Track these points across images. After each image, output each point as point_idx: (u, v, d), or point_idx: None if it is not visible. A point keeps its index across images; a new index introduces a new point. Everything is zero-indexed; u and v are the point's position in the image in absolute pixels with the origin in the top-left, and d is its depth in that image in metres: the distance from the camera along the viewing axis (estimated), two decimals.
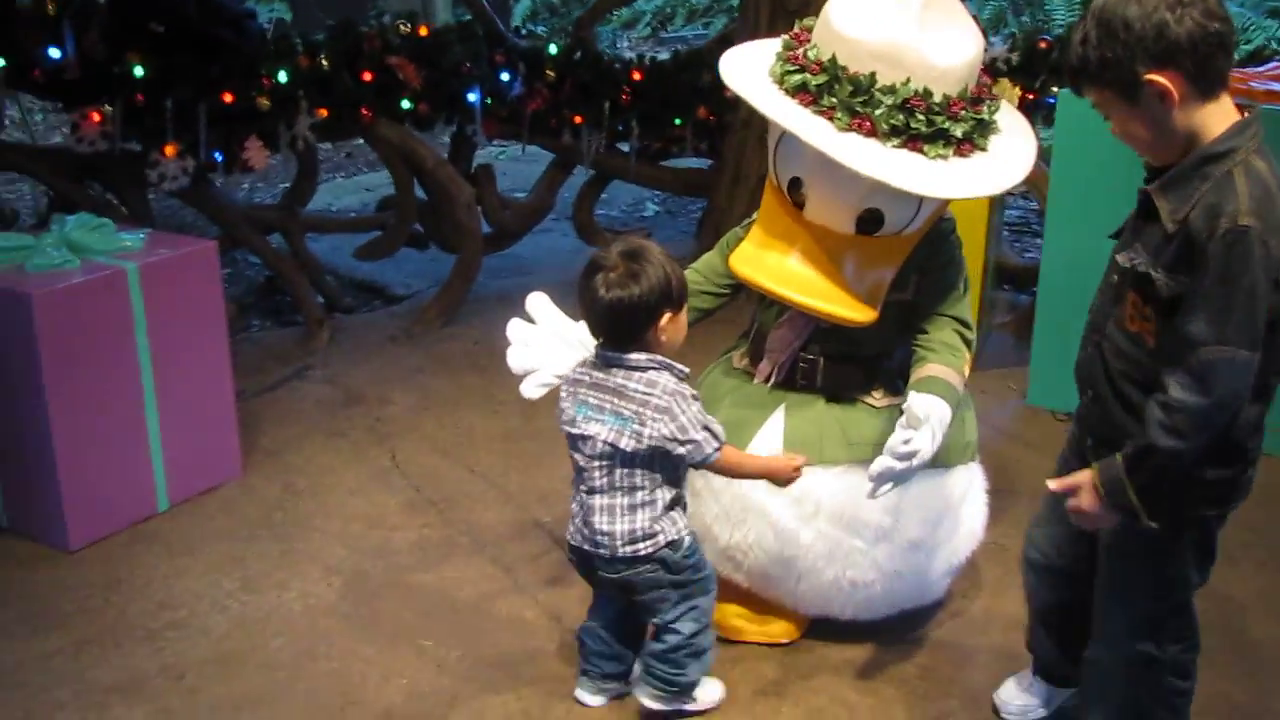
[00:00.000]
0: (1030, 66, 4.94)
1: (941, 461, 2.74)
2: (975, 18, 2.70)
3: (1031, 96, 4.87)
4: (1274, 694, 2.84)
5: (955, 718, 2.74)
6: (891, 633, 2.97)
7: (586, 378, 2.57)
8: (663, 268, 2.47)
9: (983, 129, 2.58)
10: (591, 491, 2.57)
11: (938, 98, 2.49)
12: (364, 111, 4.70)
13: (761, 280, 2.61)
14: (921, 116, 2.48)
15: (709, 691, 2.74)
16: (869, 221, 2.61)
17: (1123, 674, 2.36)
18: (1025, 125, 2.73)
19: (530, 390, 2.84)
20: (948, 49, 2.52)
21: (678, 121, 5.22)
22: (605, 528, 2.55)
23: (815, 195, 2.62)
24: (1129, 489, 2.08)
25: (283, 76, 4.44)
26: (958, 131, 2.51)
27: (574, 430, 2.57)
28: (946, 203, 2.70)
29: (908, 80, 2.48)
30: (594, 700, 2.75)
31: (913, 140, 2.49)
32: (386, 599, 3.17)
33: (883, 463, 2.47)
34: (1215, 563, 2.33)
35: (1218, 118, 2.01)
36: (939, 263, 2.78)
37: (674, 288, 2.49)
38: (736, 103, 5.04)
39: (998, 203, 4.72)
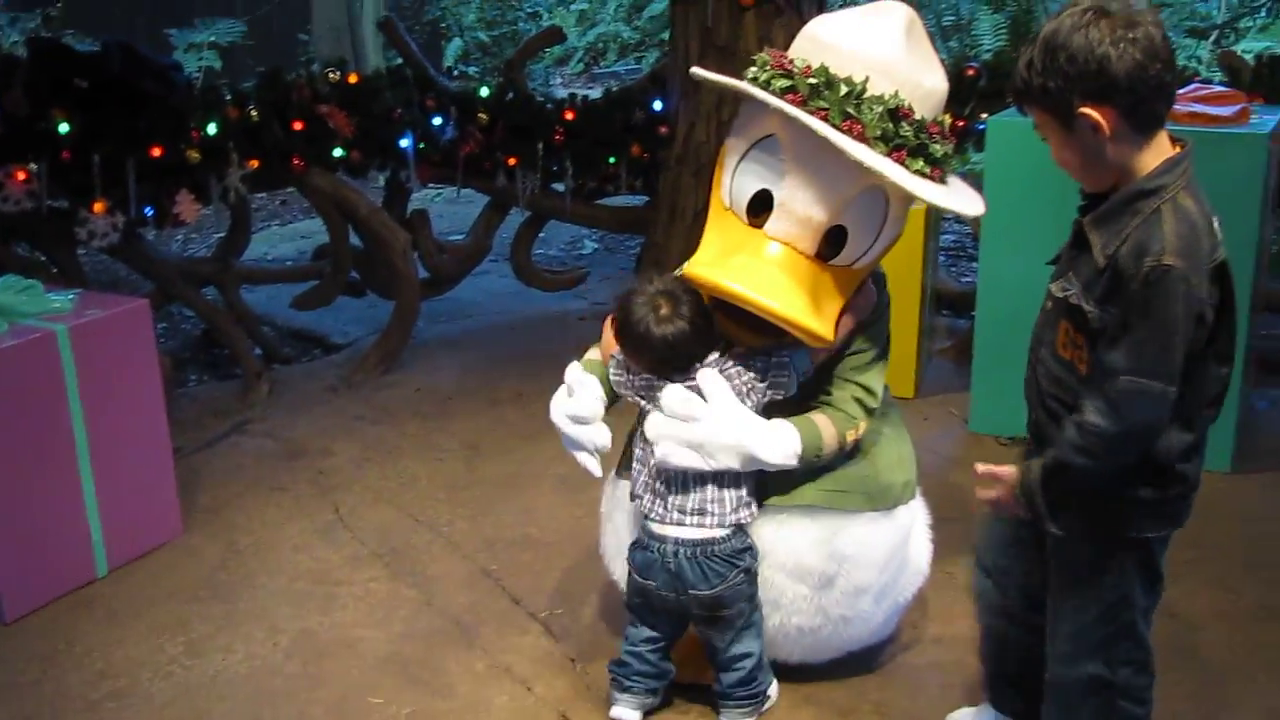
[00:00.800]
0: (959, 93, 4.99)
1: (883, 504, 2.77)
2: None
3: (961, 124, 4.91)
4: (1224, 710, 2.85)
5: None
6: (843, 667, 2.95)
7: (647, 383, 2.68)
8: (698, 299, 2.63)
9: (948, 163, 2.60)
10: (674, 493, 2.66)
11: (918, 116, 2.52)
12: (295, 161, 4.67)
13: (723, 283, 2.50)
14: (909, 128, 2.49)
15: (774, 685, 2.87)
16: (832, 242, 2.57)
17: (1077, 697, 2.36)
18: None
19: (596, 469, 2.81)
20: (937, 74, 2.57)
21: (612, 160, 5.22)
22: (713, 505, 2.64)
23: (787, 206, 2.54)
24: (1038, 497, 2.16)
25: (212, 128, 4.40)
26: (937, 152, 2.53)
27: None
28: (894, 242, 2.70)
29: (896, 93, 2.49)
30: (634, 715, 2.79)
31: (897, 150, 2.50)
32: (334, 657, 3.12)
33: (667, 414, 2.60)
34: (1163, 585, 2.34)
35: (1151, 154, 2.06)
36: (865, 319, 2.76)
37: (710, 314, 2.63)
38: (671, 139, 5.06)
39: (933, 228, 4.76)
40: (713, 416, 2.57)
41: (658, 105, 5.15)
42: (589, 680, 2.96)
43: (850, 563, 2.75)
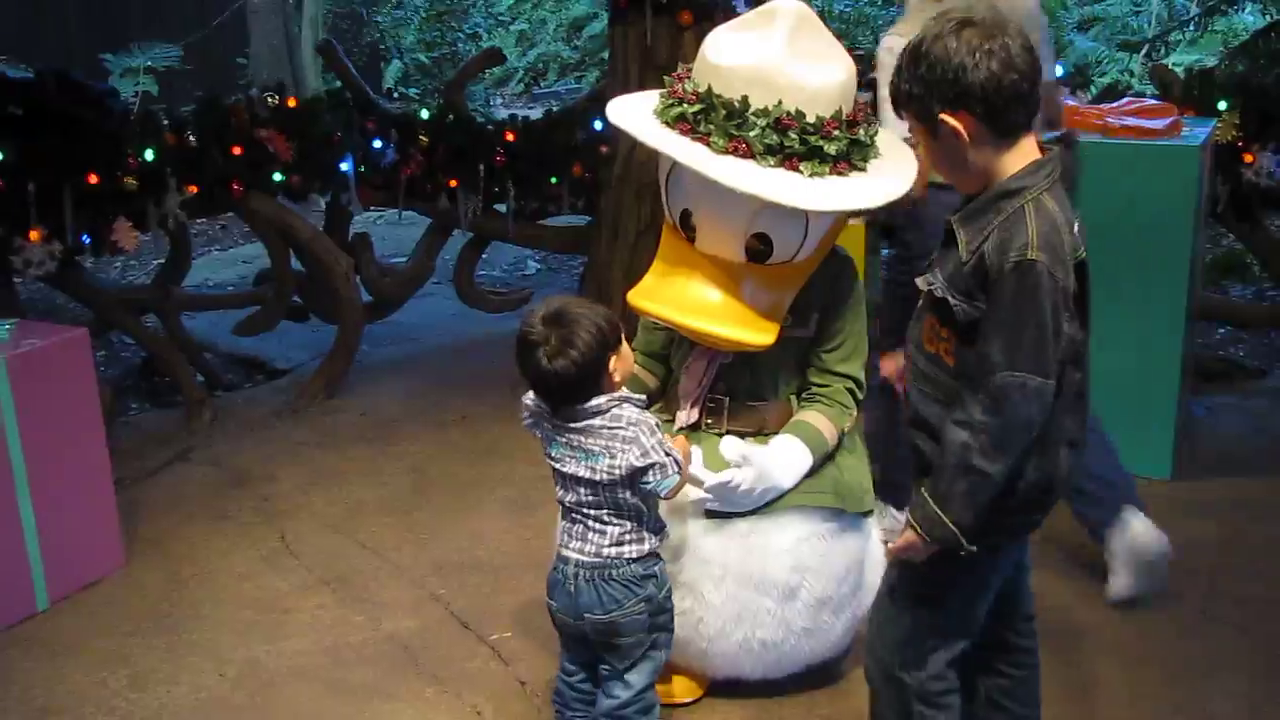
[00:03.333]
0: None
1: (853, 506, 2.86)
2: (849, 48, 2.76)
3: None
4: (1166, 710, 2.88)
5: None
6: (793, 683, 2.96)
7: (547, 414, 2.61)
8: (590, 320, 2.51)
9: (860, 150, 2.63)
10: (580, 506, 2.60)
11: (811, 118, 2.56)
12: (235, 186, 4.63)
13: (658, 310, 2.68)
14: (795, 135, 2.54)
15: None
16: (758, 250, 2.68)
17: (880, 690, 2.40)
18: (906, 150, 2.77)
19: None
20: (817, 72, 2.58)
21: (554, 180, 5.22)
22: (594, 534, 2.59)
23: (704, 224, 2.69)
24: (946, 520, 2.13)
25: (149, 155, 4.36)
26: (832, 150, 2.57)
27: (554, 465, 2.62)
28: (836, 231, 2.76)
29: (779, 102, 2.54)
30: None
31: (789, 159, 2.55)
32: (282, 686, 3.09)
33: (700, 493, 2.70)
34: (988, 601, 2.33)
35: (1015, 158, 2.11)
36: (840, 304, 2.86)
37: (608, 333, 2.53)
38: (612, 158, 5.07)
39: (874, 246, 4.79)
40: (754, 474, 2.69)
41: (598, 125, 5.16)
42: (539, 703, 2.95)
43: (812, 574, 2.79)
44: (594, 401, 2.52)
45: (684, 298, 2.68)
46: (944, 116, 2.08)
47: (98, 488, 3.60)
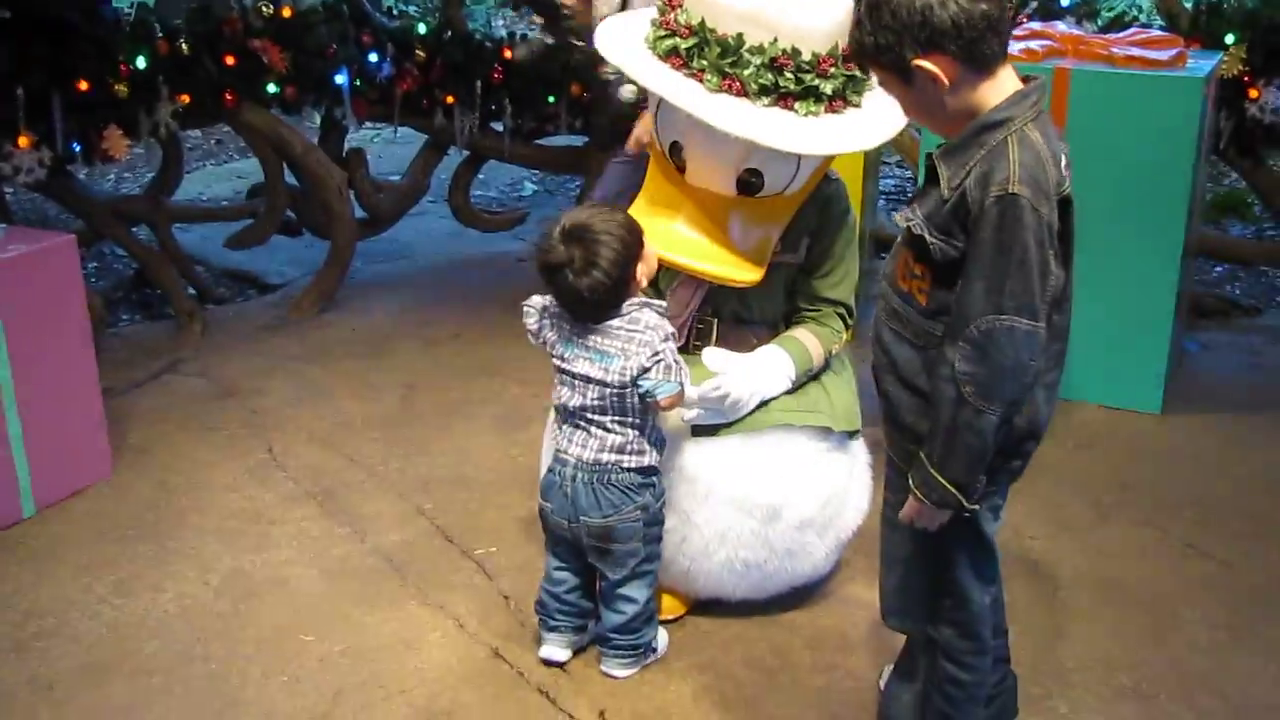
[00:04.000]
0: None
1: (845, 425, 2.86)
2: None
3: None
4: (1149, 645, 2.90)
5: (840, 689, 2.75)
6: (777, 606, 2.98)
7: (563, 317, 2.63)
8: (612, 233, 2.51)
9: (856, 85, 2.59)
10: (583, 410, 2.61)
11: (806, 56, 2.50)
12: (227, 97, 4.57)
13: (648, 246, 2.64)
14: (790, 75, 2.50)
15: (661, 639, 2.84)
16: (749, 183, 2.65)
17: (918, 644, 2.39)
18: None
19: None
20: (814, 8, 2.52)
21: (551, 99, 5.16)
22: (597, 439, 2.61)
23: (694, 159, 2.65)
24: (944, 483, 2.06)
25: (141, 62, 4.30)
26: (828, 89, 2.53)
27: (564, 365, 2.62)
28: (829, 160, 2.74)
29: (775, 40, 2.50)
30: (564, 655, 2.79)
31: (783, 98, 2.52)
32: (266, 595, 3.10)
33: (692, 405, 2.68)
34: (998, 559, 2.32)
35: (996, 90, 2.00)
36: (831, 230, 2.84)
37: (631, 239, 2.54)
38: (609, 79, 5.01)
39: (872, 172, 4.76)
40: (738, 378, 2.70)
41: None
42: (522, 618, 2.96)
43: (795, 495, 2.79)
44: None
45: (671, 232, 2.65)
46: (918, 62, 1.95)
47: (85, 396, 3.59)
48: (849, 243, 2.88)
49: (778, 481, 2.77)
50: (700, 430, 2.75)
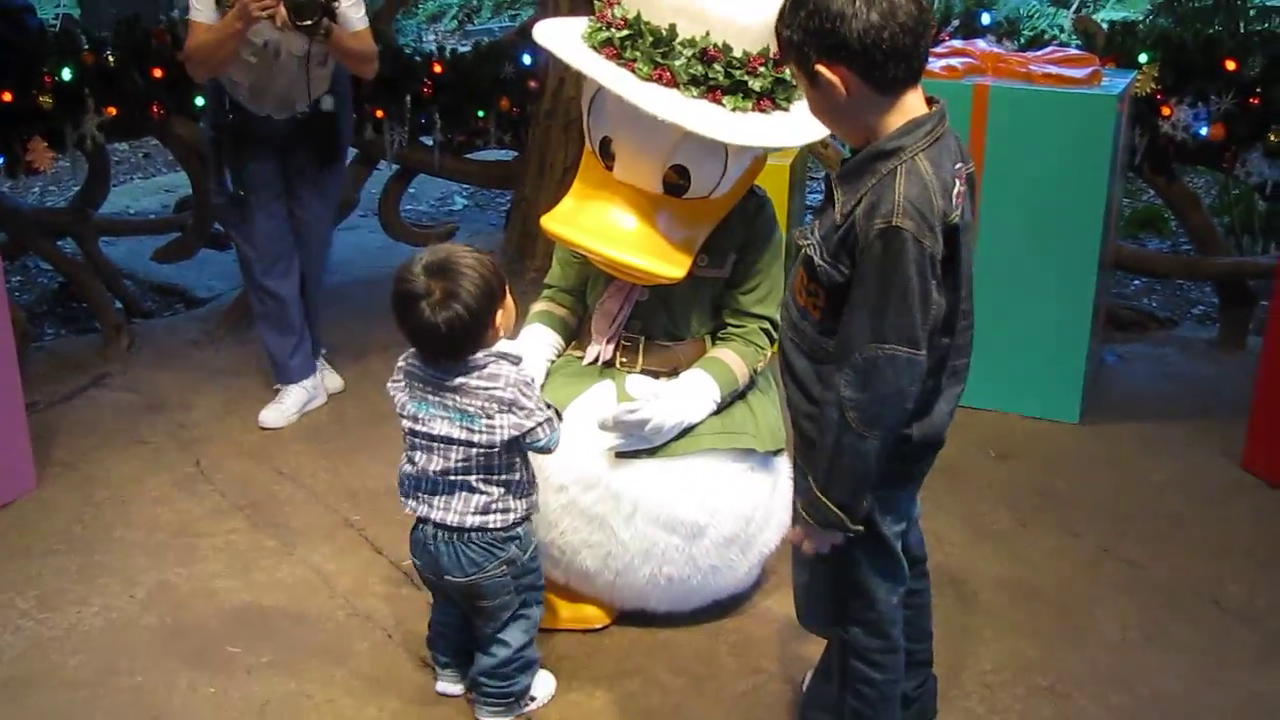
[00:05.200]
0: None
1: (770, 445, 2.88)
2: None
3: None
4: (1063, 645, 2.97)
5: (765, 691, 2.80)
6: (703, 615, 3.01)
7: (419, 373, 2.51)
8: (476, 270, 2.41)
9: (785, 89, 2.63)
10: (439, 486, 2.53)
11: (737, 53, 2.56)
12: (155, 109, 4.56)
13: (571, 236, 2.67)
14: (720, 68, 2.55)
15: (542, 686, 2.76)
16: (676, 184, 2.68)
17: (834, 649, 2.41)
18: None
19: None
20: (747, 7, 2.57)
21: (481, 114, 5.19)
22: (460, 502, 2.52)
23: (623, 153, 2.68)
24: (828, 504, 2.09)
25: (67, 74, 4.28)
26: (756, 86, 2.58)
27: (417, 428, 2.52)
28: (755, 169, 2.79)
29: (708, 34, 2.55)
30: (455, 689, 2.76)
31: (712, 91, 2.56)
32: (192, 608, 3.09)
33: (608, 428, 2.70)
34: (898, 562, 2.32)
35: (896, 115, 2.01)
36: (757, 245, 2.88)
37: (494, 283, 2.44)
38: (540, 93, 5.05)
39: (798, 185, 4.83)
40: (660, 407, 2.70)
41: (527, 59, 5.13)
42: None
43: (720, 514, 2.82)
44: (473, 357, 2.45)
45: (599, 225, 2.66)
46: (819, 68, 1.97)
47: (9, 409, 3.56)
48: (775, 258, 2.92)
49: (702, 500, 2.79)
50: (625, 453, 2.76)
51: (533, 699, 2.73)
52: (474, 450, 2.48)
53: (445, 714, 2.71)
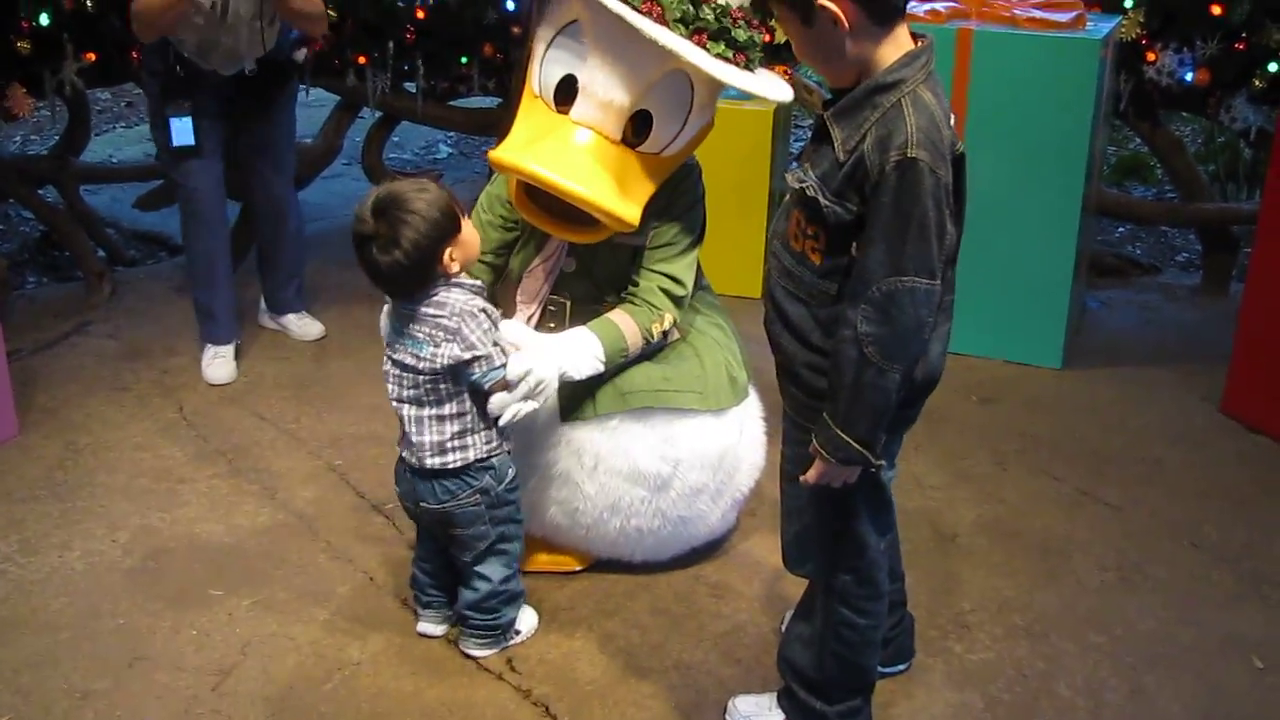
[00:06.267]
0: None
1: (714, 404, 2.83)
2: None
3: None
4: (1041, 586, 3.00)
5: (744, 632, 2.82)
6: (681, 556, 3.02)
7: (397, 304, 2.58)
8: (423, 207, 2.44)
9: (756, 50, 2.60)
10: (402, 403, 2.58)
11: (723, 1, 2.52)
12: (135, 55, 4.52)
13: (527, 167, 2.51)
14: (710, 11, 2.51)
15: (526, 621, 2.79)
16: (638, 128, 2.61)
17: (818, 589, 2.41)
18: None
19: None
20: None
21: (464, 60, 5.15)
22: (415, 439, 2.57)
23: (591, 90, 2.56)
24: (849, 441, 2.08)
25: (44, 19, 4.23)
26: (740, 36, 2.54)
27: (391, 355, 2.59)
28: (702, 135, 2.73)
29: None
30: (437, 630, 2.78)
31: (698, 33, 2.51)
32: (175, 552, 3.10)
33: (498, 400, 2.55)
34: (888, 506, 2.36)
35: (891, 48, 2.02)
36: (675, 210, 2.80)
37: (444, 218, 2.46)
38: (524, 39, 5.01)
39: (781, 132, 4.81)
40: (535, 359, 2.56)
41: (510, 4, 5.08)
42: None
43: (684, 465, 2.81)
44: (431, 287, 2.50)
45: (558, 158, 2.53)
46: (822, 2, 1.96)
47: None
48: (692, 220, 2.83)
49: (664, 452, 2.78)
50: (570, 414, 2.75)
51: (517, 633, 2.76)
52: (421, 378, 2.53)
53: (426, 655, 2.73)
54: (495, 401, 2.53)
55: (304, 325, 4.35)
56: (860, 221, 2.03)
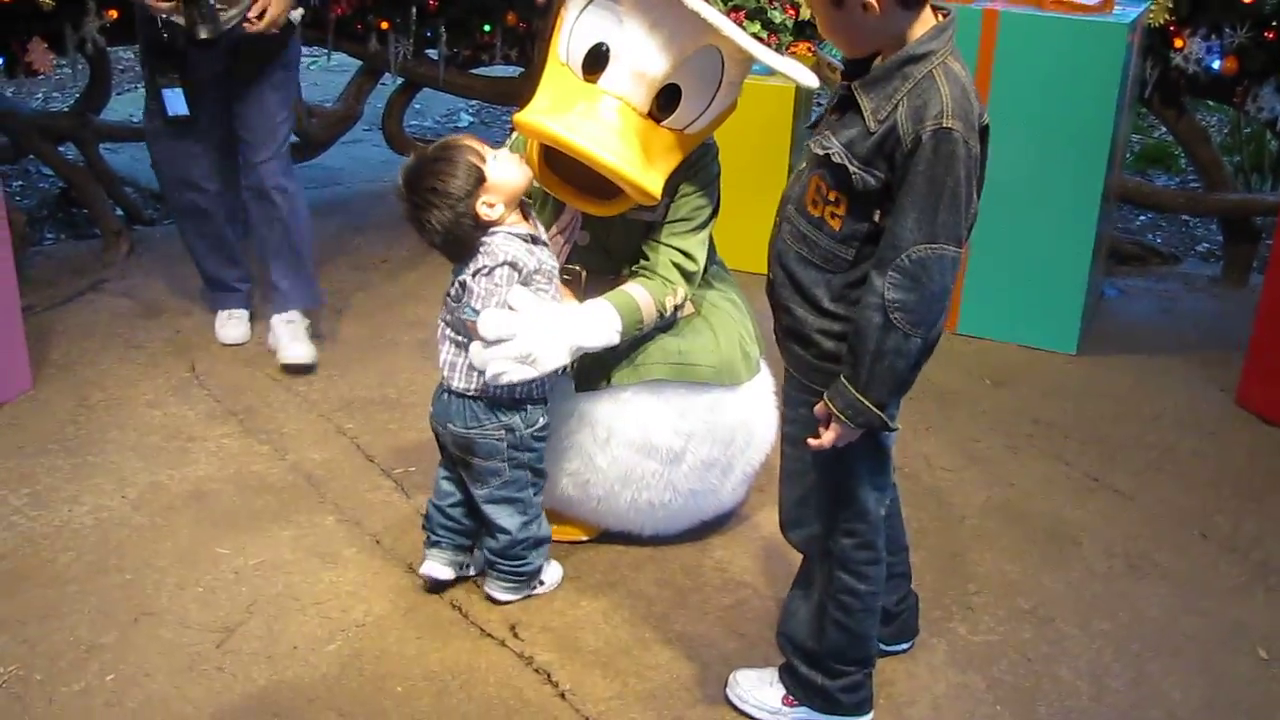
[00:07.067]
0: None
1: (729, 379, 2.83)
2: None
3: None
4: (1048, 570, 2.99)
5: (748, 605, 2.82)
6: (689, 530, 3.02)
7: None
8: (435, 186, 2.52)
9: (785, 31, 2.59)
10: (446, 325, 2.69)
11: None
12: None
13: (552, 132, 2.48)
14: None
15: (551, 574, 2.84)
16: (665, 103, 2.58)
17: (815, 557, 2.41)
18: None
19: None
20: None
21: (487, 28, 5.13)
22: (448, 370, 2.68)
23: (623, 59, 2.53)
24: (868, 405, 2.10)
25: None
26: (776, 18, 2.53)
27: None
28: (727, 113, 2.70)
29: None
30: (444, 573, 2.78)
31: (736, 10, 2.50)
32: (183, 509, 3.11)
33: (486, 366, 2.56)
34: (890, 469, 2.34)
35: (917, 26, 2.05)
36: (691, 189, 2.78)
37: (464, 179, 2.51)
38: (546, 8, 4.99)
39: (802, 110, 4.78)
40: (531, 328, 2.53)
41: None
42: None
43: (697, 438, 2.81)
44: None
45: (586, 125, 2.50)
46: None
47: (6, 311, 3.55)
48: (706, 196, 2.81)
49: (677, 425, 2.78)
50: (584, 385, 2.76)
51: (541, 583, 2.80)
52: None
53: (431, 619, 2.73)
54: (473, 351, 2.57)
55: (289, 341, 3.91)
56: (885, 189, 2.06)
